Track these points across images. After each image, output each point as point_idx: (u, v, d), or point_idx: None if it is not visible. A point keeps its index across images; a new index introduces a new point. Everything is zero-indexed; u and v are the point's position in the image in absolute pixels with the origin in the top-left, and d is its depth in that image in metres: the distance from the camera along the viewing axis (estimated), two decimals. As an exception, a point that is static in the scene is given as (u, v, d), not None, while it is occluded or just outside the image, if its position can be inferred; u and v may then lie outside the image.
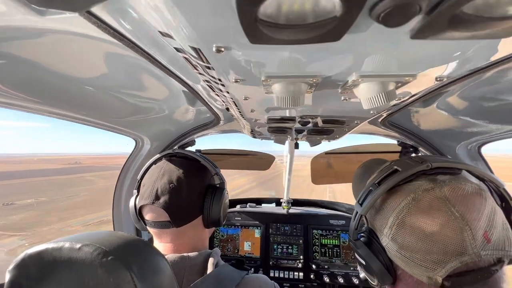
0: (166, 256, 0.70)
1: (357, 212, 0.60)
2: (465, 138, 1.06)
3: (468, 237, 0.45)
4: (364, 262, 0.58)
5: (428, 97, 0.65)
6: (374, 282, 0.59)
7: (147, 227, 0.79)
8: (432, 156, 0.90)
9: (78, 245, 0.44)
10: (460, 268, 0.46)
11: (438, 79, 0.51)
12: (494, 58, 0.44)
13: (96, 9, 0.39)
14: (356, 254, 0.62)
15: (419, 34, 0.32)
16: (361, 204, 0.59)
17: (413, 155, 1.29)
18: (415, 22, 0.30)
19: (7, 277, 0.46)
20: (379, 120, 1.01)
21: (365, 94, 0.51)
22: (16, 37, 0.50)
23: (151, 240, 0.84)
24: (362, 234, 0.60)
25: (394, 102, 0.68)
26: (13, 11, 0.42)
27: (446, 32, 0.31)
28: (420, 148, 1.30)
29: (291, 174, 1.88)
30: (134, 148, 1.39)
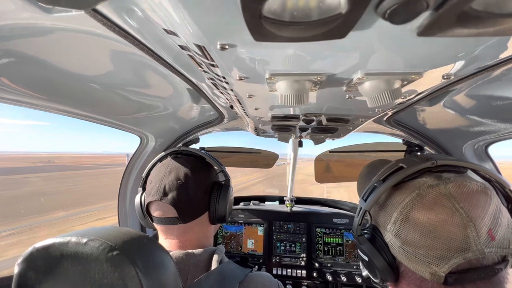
0: (171, 253, 0.71)
1: (361, 208, 0.60)
2: (472, 137, 1.04)
3: (472, 233, 0.45)
4: (366, 259, 0.58)
5: (434, 96, 0.64)
6: (376, 279, 0.58)
7: (154, 223, 0.80)
8: (438, 154, 0.89)
9: (84, 240, 0.45)
10: (463, 265, 0.45)
11: (445, 77, 0.50)
12: (503, 56, 0.43)
13: (101, 7, 0.39)
14: (358, 250, 0.62)
15: (426, 31, 0.31)
16: (365, 200, 0.59)
17: (419, 153, 1.28)
18: (422, 19, 0.30)
19: (16, 270, 0.47)
20: (384, 118, 1.00)
21: (370, 92, 0.51)
22: (24, 35, 0.51)
23: (155, 236, 0.85)
24: (365, 231, 0.60)
25: (399, 100, 0.68)
26: (20, 10, 0.42)
27: (454, 29, 0.30)
28: (426, 147, 1.29)
29: (295, 172, 1.88)
30: (139, 145, 1.41)
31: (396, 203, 0.53)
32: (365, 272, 0.64)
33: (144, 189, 0.86)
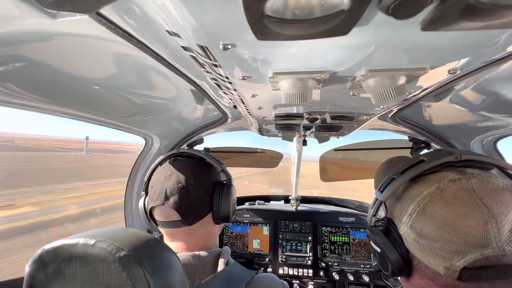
0: (178, 254, 0.72)
1: (376, 199, 0.59)
2: (480, 133, 1.02)
3: (492, 229, 0.43)
4: (379, 250, 0.57)
5: (440, 91, 0.63)
6: (388, 272, 0.57)
7: (159, 227, 0.81)
8: (461, 149, 0.87)
9: (92, 241, 0.45)
10: (481, 261, 0.44)
11: (451, 72, 0.50)
12: (510, 49, 0.42)
13: (104, 10, 0.40)
14: (371, 242, 0.61)
15: (430, 25, 0.31)
16: (381, 191, 0.58)
17: (431, 149, 1.26)
18: (426, 13, 0.29)
19: (26, 271, 0.48)
20: (389, 115, 0.99)
21: (375, 89, 0.50)
22: (29, 40, 0.51)
23: (161, 238, 0.86)
24: (379, 222, 0.59)
25: (404, 96, 0.67)
26: (26, 16, 0.43)
27: (459, 23, 0.29)
28: (432, 144, 1.27)
29: (299, 171, 1.87)
30: (144, 147, 1.42)
31: (414, 196, 0.52)
32: (376, 265, 0.63)
33: (147, 193, 0.86)
